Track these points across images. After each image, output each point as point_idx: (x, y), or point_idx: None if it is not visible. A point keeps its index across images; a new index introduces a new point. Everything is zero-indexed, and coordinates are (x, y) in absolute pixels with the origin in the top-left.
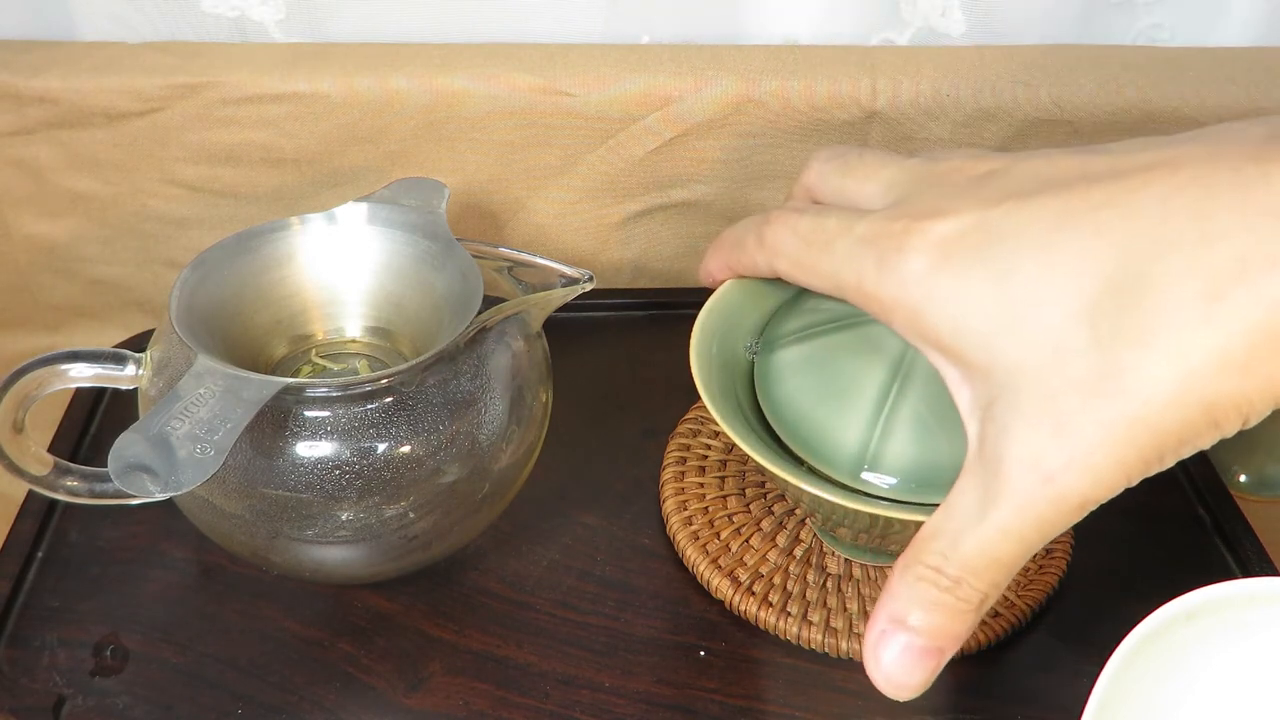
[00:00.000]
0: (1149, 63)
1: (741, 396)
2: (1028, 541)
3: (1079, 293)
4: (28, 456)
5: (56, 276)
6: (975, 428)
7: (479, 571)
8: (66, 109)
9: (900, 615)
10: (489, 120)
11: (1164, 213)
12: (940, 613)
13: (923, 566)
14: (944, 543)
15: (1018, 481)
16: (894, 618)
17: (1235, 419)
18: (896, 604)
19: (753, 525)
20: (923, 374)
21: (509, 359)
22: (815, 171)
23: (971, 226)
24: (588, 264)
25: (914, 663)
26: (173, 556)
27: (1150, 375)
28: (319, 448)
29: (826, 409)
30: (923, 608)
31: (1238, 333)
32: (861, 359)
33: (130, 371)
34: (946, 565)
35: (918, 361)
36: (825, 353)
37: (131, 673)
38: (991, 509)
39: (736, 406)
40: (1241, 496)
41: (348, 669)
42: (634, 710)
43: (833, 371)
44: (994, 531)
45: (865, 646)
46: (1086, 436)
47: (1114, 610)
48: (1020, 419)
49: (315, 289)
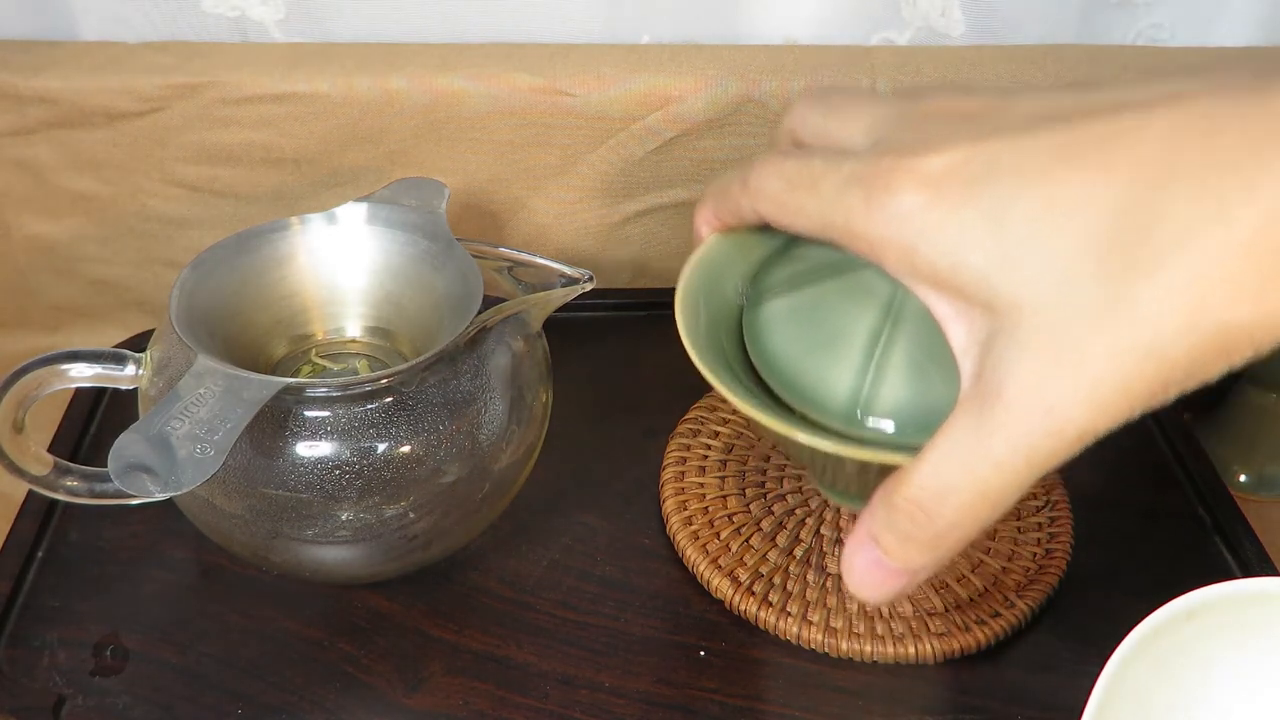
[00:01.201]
0: (1149, 63)
1: (732, 352)
2: (1018, 476)
3: (1086, 225)
4: (28, 456)
5: (56, 276)
6: (971, 364)
7: (479, 571)
8: (66, 109)
9: (876, 535)
10: (489, 120)
11: (1171, 145)
12: (912, 545)
13: (901, 496)
14: (927, 473)
15: (1016, 411)
16: (871, 534)
17: (1246, 347)
18: (874, 523)
19: (753, 525)
20: (914, 316)
21: (509, 359)
22: (798, 115)
23: (964, 161)
24: (588, 264)
25: (884, 579)
26: (173, 556)
27: (1162, 303)
28: (319, 448)
29: (816, 358)
30: (896, 536)
31: (1250, 258)
32: (851, 305)
33: (130, 371)
34: (925, 497)
35: (908, 303)
36: (813, 301)
37: (131, 673)
38: (985, 440)
39: (724, 360)
40: (1241, 496)
41: (348, 669)
42: (634, 710)
43: (822, 319)
44: (984, 464)
45: (843, 552)
46: (1093, 366)
47: (1114, 610)
48: (1021, 351)
49: (315, 289)
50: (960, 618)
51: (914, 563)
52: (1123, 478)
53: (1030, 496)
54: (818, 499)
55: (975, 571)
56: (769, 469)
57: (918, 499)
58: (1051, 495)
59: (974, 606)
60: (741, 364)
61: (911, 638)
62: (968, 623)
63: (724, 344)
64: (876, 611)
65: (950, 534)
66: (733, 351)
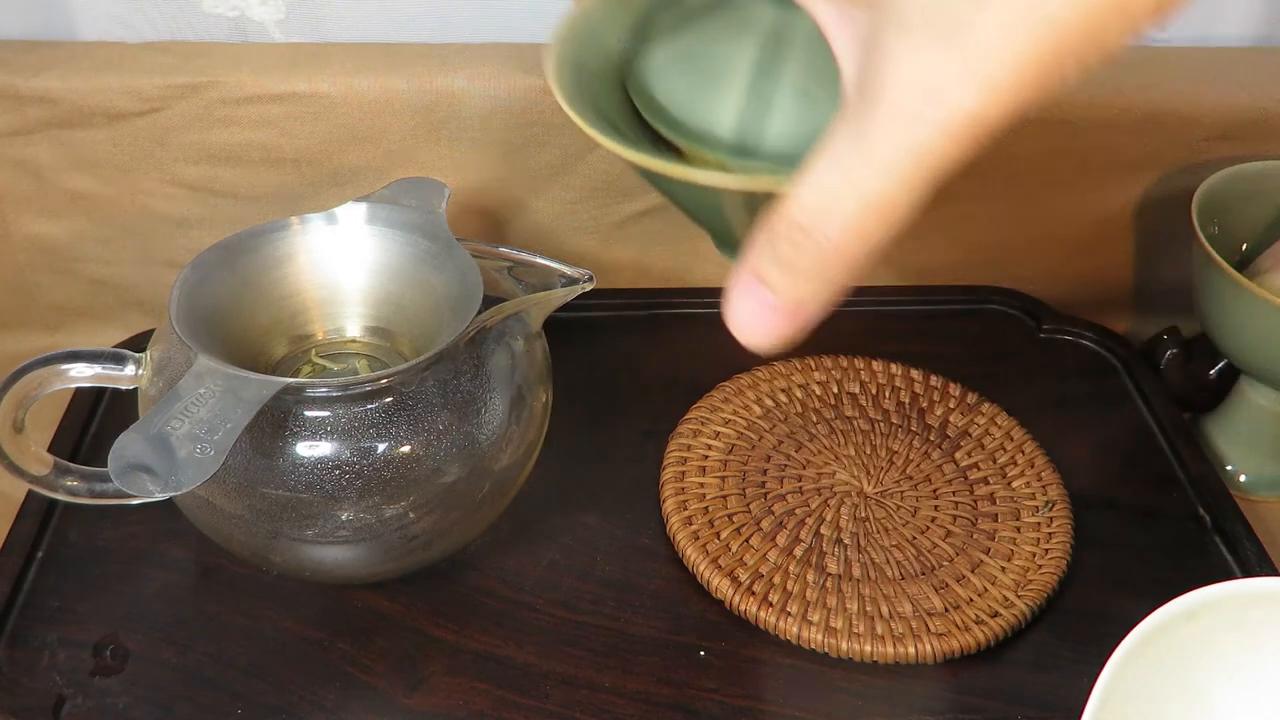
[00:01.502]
0: (1149, 63)
1: (618, 106)
2: (906, 180)
3: None
4: (28, 456)
5: (56, 276)
6: (853, 67)
7: (479, 571)
8: (66, 109)
9: (757, 269)
10: (489, 120)
11: None
12: (798, 275)
13: (782, 221)
14: (807, 192)
15: (898, 104)
16: (753, 271)
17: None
18: (757, 259)
19: (753, 525)
20: (800, 42)
21: (509, 359)
22: None
23: None
24: (588, 264)
25: (771, 320)
26: (173, 556)
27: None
28: (319, 448)
29: (702, 96)
30: (779, 267)
31: None
32: (733, 39)
33: (130, 371)
34: (806, 217)
35: (792, 30)
36: (695, 42)
37: (131, 673)
38: (867, 144)
39: (597, 108)
40: (1241, 496)
41: (348, 669)
42: (634, 710)
43: (704, 58)
44: (867, 170)
45: (728, 298)
46: (981, 42)
47: (1114, 610)
48: (904, 38)
49: (315, 289)
50: (960, 617)
51: (801, 294)
52: (1123, 478)
53: (1029, 496)
54: (818, 499)
55: (975, 571)
56: (769, 469)
57: (798, 220)
58: (1051, 495)
59: (973, 606)
60: (631, 117)
61: (911, 638)
62: (967, 623)
63: (609, 98)
64: (877, 611)
65: (837, 257)
66: (619, 105)
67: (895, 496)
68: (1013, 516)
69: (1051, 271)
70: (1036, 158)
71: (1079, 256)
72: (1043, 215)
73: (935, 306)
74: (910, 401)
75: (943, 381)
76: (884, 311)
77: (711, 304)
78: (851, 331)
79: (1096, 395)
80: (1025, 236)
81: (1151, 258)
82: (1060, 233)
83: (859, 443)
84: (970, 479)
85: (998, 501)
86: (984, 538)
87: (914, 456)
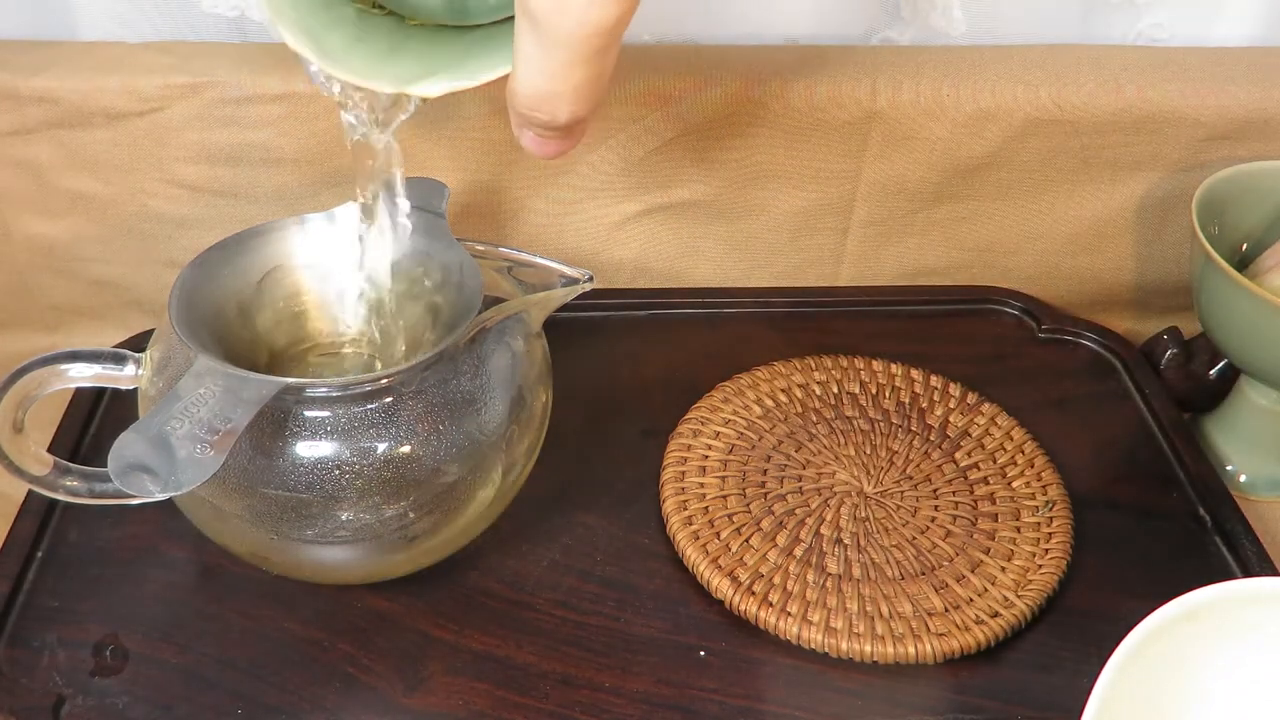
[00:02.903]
0: (1149, 63)
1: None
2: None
3: None
4: (28, 456)
5: (56, 276)
6: None
7: (479, 571)
8: (66, 109)
9: (518, 127)
10: (489, 120)
11: None
12: (540, 140)
13: (512, 111)
14: (513, 88)
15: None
16: (516, 127)
17: None
18: (514, 122)
19: (753, 525)
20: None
21: (509, 359)
22: None
23: None
24: (588, 264)
25: (544, 145)
26: (173, 556)
27: None
28: (319, 448)
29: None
30: (525, 137)
31: None
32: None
33: (130, 371)
34: (520, 104)
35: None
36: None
37: (131, 673)
38: (526, 46)
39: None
40: (1241, 496)
41: (348, 669)
42: (634, 710)
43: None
44: (537, 74)
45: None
46: None
47: (1114, 610)
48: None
49: (315, 289)
50: (960, 618)
51: (555, 142)
52: (1123, 478)
53: (1029, 496)
54: (818, 499)
55: (975, 571)
56: (769, 469)
57: (519, 108)
58: (1051, 495)
59: (973, 606)
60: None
61: (911, 638)
62: (967, 623)
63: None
64: (877, 611)
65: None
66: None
67: (895, 496)
68: (1013, 516)
69: (1051, 271)
70: (1036, 158)
71: (1079, 256)
72: (1043, 215)
73: (935, 306)
74: (910, 401)
75: (943, 381)
76: (884, 311)
77: (712, 304)
78: (851, 331)
79: (1096, 395)
80: (1025, 236)
81: (1151, 258)
82: (1060, 233)
83: (859, 443)
84: (970, 479)
85: (998, 501)
86: (984, 538)
87: (914, 456)
